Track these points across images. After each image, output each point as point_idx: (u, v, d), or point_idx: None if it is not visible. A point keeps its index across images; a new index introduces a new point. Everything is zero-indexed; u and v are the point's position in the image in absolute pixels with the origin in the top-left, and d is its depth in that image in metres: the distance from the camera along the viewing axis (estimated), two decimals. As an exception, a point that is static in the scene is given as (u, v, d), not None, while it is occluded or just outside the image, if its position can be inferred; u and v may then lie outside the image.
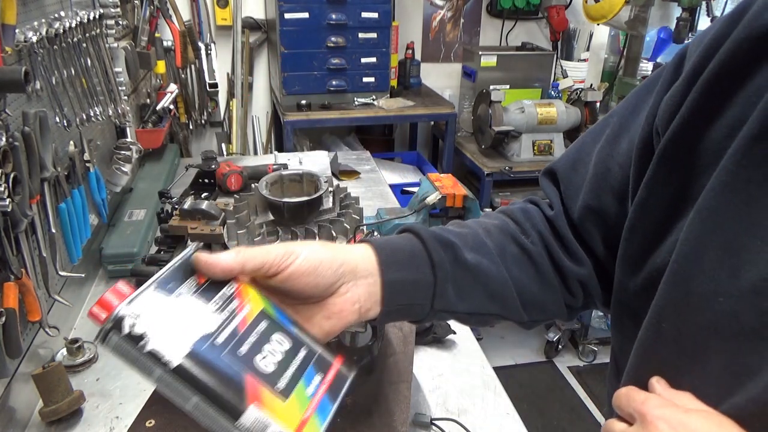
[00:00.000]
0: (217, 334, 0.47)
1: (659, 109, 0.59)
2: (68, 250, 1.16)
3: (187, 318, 0.47)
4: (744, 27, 0.52)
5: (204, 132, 3.18)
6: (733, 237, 0.48)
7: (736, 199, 0.48)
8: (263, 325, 0.50)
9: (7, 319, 0.89)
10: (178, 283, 0.49)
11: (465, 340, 1.25)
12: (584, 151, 0.70)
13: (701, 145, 0.54)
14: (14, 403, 0.97)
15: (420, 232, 0.63)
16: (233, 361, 0.46)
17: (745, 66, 0.51)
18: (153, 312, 0.46)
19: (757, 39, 0.50)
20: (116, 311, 0.45)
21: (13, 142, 0.89)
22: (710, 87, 0.53)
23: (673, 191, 0.55)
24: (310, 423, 0.47)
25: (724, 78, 0.53)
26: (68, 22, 1.14)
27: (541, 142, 2.71)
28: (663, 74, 0.61)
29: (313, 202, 0.78)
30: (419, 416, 0.98)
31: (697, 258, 0.50)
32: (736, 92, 0.52)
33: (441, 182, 1.47)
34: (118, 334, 0.45)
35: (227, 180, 1.78)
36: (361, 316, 0.58)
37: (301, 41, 2.64)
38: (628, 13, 2.82)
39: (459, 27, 3.34)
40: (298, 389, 0.48)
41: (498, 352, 3.06)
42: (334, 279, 0.56)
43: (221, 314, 0.48)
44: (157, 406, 0.77)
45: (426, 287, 0.61)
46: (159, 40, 2.05)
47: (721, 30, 0.54)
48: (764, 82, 0.50)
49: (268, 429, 0.45)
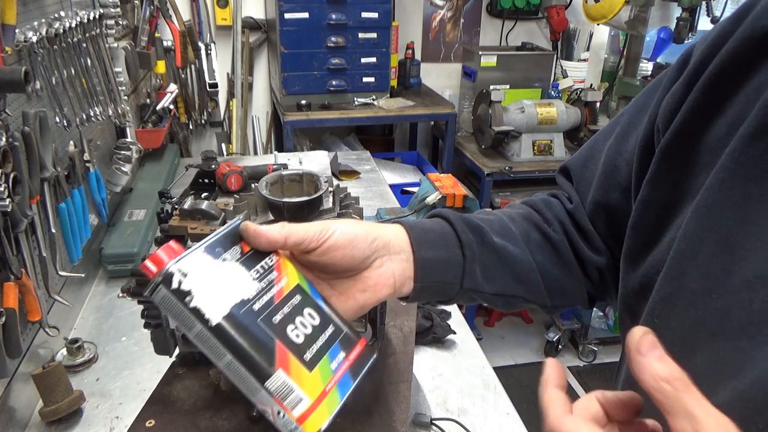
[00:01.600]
0: (255, 301, 0.50)
1: (660, 107, 0.59)
2: (68, 250, 1.16)
3: (229, 282, 0.50)
4: (746, 26, 0.52)
5: (204, 132, 3.18)
6: (728, 234, 0.48)
7: (733, 196, 0.48)
8: (297, 299, 0.53)
9: (7, 319, 0.89)
10: (224, 249, 0.52)
11: (465, 340, 1.25)
12: (596, 148, 0.72)
13: (701, 143, 0.54)
14: (14, 403, 0.97)
15: (448, 216, 0.65)
16: (267, 328, 0.49)
17: (746, 65, 0.52)
18: (199, 272, 0.49)
19: (758, 38, 0.50)
20: (167, 267, 0.48)
21: (13, 142, 0.89)
22: (711, 86, 0.54)
23: (672, 189, 0.56)
24: (330, 396, 0.50)
25: (725, 77, 0.53)
26: (68, 22, 1.14)
27: (541, 142, 2.71)
28: (668, 73, 0.62)
29: (313, 202, 0.78)
30: (419, 416, 0.98)
31: (692, 255, 0.50)
32: (737, 91, 0.52)
33: (441, 182, 1.47)
34: (166, 288, 0.47)
35: (227, 180, 1.78)
36: (395, 291, 0.60)
37: (301, 41, 2.64)
38: (628, 13, 2.82)
39: (459, 27, 3.34)
40: (323, 363, 0.51)
41: (498, 352, 3.06)
42: (369, 252, 0.58)
43: (260, 283, 0.52)
44: (157, 406, 0.77)
45: (456, 266, 0.62)
46: (159, 40, 2.05)
47: (724, 29, 0.54)
48: (764, 81, 0.50)
49: (291, 394, 0.48)
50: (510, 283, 0.66)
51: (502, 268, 0.65)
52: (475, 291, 0.64)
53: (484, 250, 0.64)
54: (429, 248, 0.62)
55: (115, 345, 1.20)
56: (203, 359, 0.84)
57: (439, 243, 0.63)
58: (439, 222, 0.65)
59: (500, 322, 3.33)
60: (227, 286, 0.50)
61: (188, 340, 0.79)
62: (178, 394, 0.78)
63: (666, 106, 0.58)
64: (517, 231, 0.68)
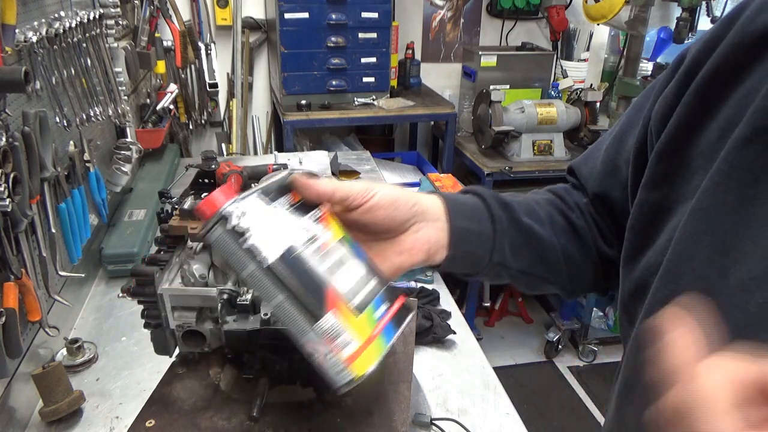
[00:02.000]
0: (305, 247, 0.52)
1: (653, 111, 0.60)
2: (68, 250, 1.16)
3: (282, 226, 0.52)
4: (737, 31, 0.52)
5: (204, 132, 3.18)
6: (724, 237, 0.48)
7: (728, 199, 0.49)
8: (342, 250, 0.55)
9: (7, 319, 0.89)
10: (276, 196, 0.54)
11: (465, 340, 1.25)
12: (599, 149, 0.73)
13: (694, 146, 0.54)
14: (14, 403, 0.97)
15: (481, 192, 0.67)
16: (317, 272, 0.52)
17: (737, 69, 0.52)
18: (255, 214, 0.51)
19: (749, 43, 0.51)
20: (225, 206, 0.49)
21: (13, 142, 0.89)
22: (704, 90, 0.54)
23: (668, 192, 0.56)
24: (377, 341, 0.52)
25: (716, 81, 0.53)
26: (68, 22, 1.14)
27: (541, 142, 2.71)
28: (658, 81, 0.63)
29: (313, 202, 0.78)
30: (419, 416, 0.98)
31: (688, 258, 0.50)
32: (729, 95, 0.53)
33: (441, 182, 1.47)
34: (223, 227, 0.49)
35: (227, 180, 1.78)
36: (429, 258, 0.62)
37: (301, 41, 2.64)
38: (628, 13, 2.82)
39: (459, 27, 3.33)
40: (369, 310, 0.53)
41: (498, 352, 3.06)
42: (409, 215, 0.60)
43: (309, 232, 0.53)
44: (157, 406, 0.77)
45: (486, 239, 0.64)
46: (159, 40, 2.05)
47: (716, 33, 0.55)
48: (755, 85, 0.50)
49: (341, 336, 0.50)
50: (535, 262, 0.67)
51: (529, 247, 0.67)
52: (502, 266, 0.66)
53: (512, 227, 0.66)
54: (463, 219, 0.63)
55: (115, 345, 1.20)
56: (203, 359, 0.84)
57: (472, 216, 0.65)
58: (472, 197, 0.67)
59: (500, 322, 3.33)
60: (280, 229, 0.52)
61: (188, 340, 0.79)
62: (178, 394, 0.78)
63: (658, 110, 0.59)
64: (542, 213, 0.69)
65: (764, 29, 0.51)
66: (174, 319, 0.77)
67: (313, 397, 0.80)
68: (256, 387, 0.77)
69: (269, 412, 0.76)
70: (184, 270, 0.76)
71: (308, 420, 0.75)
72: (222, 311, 0.74)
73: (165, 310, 0.76)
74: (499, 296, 3.31)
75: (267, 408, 0.75)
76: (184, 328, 0.77)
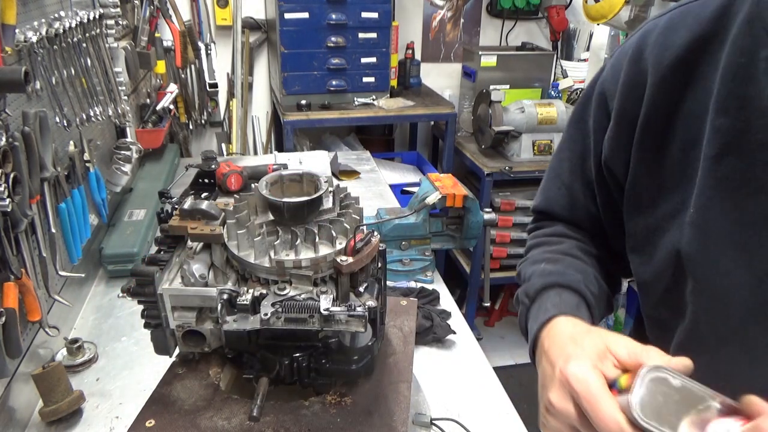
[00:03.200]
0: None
1: (603, 149, 0.74)
2: (68, 250, 1.16)
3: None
4: (656, 68, 0.65)
5: (204, 132, 3.18)
6: (734, 236, 0.59)
7: (726, 206, 0.60)
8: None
9: (7, 319, 0.89)
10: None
11: (465, 340, 1.25)
12: (552, 186, 0.89)
13: (663, 170, 0.66)
14: (14, 403, 0.97)
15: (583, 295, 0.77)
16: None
17: (673, 98, 0.64)
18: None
19: (672, 75, 0.63)
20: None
21: (13, 142, 0.89)
22: (649, 127, 0.66)
23: (653, 214, 0.69)
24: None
25: (659, 117, 0.65)
26: (68, 22, 1.14)
27: (541, 142, 2.71)
28: (591, 115, 0.77)
29: (313, 202, 0.78)
30: (419, 416, 0.98)
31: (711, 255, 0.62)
32: (674, 121, 0.64)
33: (441, 182, 1.47)
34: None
35: (227, 180, 1.78)
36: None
37: (301, 41, 2.64)
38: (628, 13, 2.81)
39: (459, 27, 3.34)
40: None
41: (498, 352, 3.06)
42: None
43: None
44: (157, 406, 0.77)
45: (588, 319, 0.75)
46: (159, 40, 2.05)
47: (631, 73, 0.68)
48: (693, 105, 0.62)
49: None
50: (603, 312, 0.82)
51: (600, 304, 0.80)
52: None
53: (599, 306, 0.79)
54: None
55: (115, 345, 1.20)
56: (203, 359, 0.84)
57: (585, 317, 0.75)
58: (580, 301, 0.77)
59: (500, 322, 3.33)
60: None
61: (188, 340, 0.79)
62: (178, 394, 0.78)
63: (611, 153, 0.73)
64: (593, 277, 0.79)
65: (679, 53, 0.63)
66: (174, 319, 0.77)
67: (313, 397, 0.80)
68: (256, 387, 0.77)
69: (269, 412, 0.76)
70: (184, 270, 0.76)
71: (308, 420, 0.75)
72: (222, 311, 0.74)
73: (165, 310, 0.76)
74: (499, 296, 3.31)
75: (267, 408, 0.75)
76: (184, 328, 0.77)
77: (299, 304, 0.73)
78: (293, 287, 0.75)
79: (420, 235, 1.45)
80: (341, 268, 0.72)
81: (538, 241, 0.88)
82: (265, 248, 0.76)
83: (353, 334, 0.79)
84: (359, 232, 0.75)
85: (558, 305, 0.73)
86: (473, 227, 1.44)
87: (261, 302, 0.73)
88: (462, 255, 3.01)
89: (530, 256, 0.86)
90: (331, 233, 0.76)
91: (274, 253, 0.74)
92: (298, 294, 0.74)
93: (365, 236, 0.76)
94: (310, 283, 0.75)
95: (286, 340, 0.79)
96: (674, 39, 0.64)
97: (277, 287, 0.75)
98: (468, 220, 1.44)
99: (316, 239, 0.75)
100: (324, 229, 0.77)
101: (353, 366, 0.80)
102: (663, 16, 0.68)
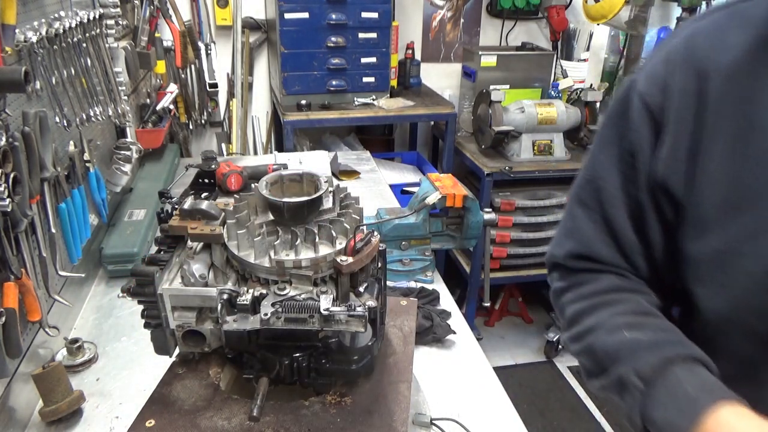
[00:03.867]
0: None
1: (659, 165, 0.66)
2: (68, 250, 1.16)
3: None
4: (716, 72, 0.60)
5: (204, 132, 3.18)
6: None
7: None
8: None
9: (7, 319, 0.89)
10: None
11: (465, 340, 1.25)
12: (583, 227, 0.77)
13: (737, 184, 0.61)
14: (14, 403, 0.97)
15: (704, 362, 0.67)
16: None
17: (743, 103, 0.60)
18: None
19: (736, 78, 0.60)
20: None
21: (13, 142, 0.89)
22: (716, 135, 0.61)
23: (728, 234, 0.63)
24: None
25: (728, 124, 0.61)
26: (68, 22, 1.14)
27: (541, 142, 2.71)
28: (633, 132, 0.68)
29: (313, 202, 0.78)
30: (419, 416, 0.98)
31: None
32: (749, 130, 0.60)
33: (441, 182, 1.47)
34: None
35: (227, 180, 1.78)
36: None
37: (301, 41, 2.64)
38: (628, 13, 2.82)
39: (459, 27, 3.33)
40: None
41: (498, 352, 3.06)
42: None
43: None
44: (157, 406, 0.77)
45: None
46: (159, 40, 2.05)
47: (686, 79, 0.63)
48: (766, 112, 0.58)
49: None
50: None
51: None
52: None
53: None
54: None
55: (115, 345, 1.20)
56: (203, 359, 0.84)
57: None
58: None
59: (500, 322, 3.33)
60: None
61: (188, 340, 0.79)
62: (178, 394, 0.78)
63: (672, 161, 0.65)
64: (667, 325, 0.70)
65: (737, 55, 0.59)
66: (174, 319, 0.77)
67: (313, 397, 0.80)
68: (256, 387, 0.77)
69: (269, 412, 0.76)
70: (184, 270, 0.76)
71: (308, 420, 0.75)
72: (222, 311, 0.74)
73: (165, 310, 0.76)
74: (499, 296, 3.31)
75: (267, 408, 0.75)
76: (184, 328, 0.77)
77: (299, 304, 0.73)
78: (293, 287, 0.75)
79: (420, 235, 1.45)
80: (341, 268, 0.72)
81: (594, 302, 0.73)
82: (265, 248, 0.76)
83: (353, 334, 0.79)
84: (359, 232, 0.75)
85: (704, 388, 0.60)
86: (473, 227, 1.45)
87: (261, 302, 0.73)
88: (462, 255, 3.01)
89: (597, 324, 0.70)
90: (331, 233, 0.76)
91: (274, 253, 0.74)
92: (298, 294, 0.74)
93: (365, 236, 0.76)
94: (310, 283, 0.75)
95: (286, 340, 0.79)
96: (728, 41, 0.60)
97: (277, 287, 0.75)
98: (468, 220, 1.44)
99: (316, 239, 0.75)
100: (324, 229, 0.77)
101: (353, 366, 0.80)
102: (703, 20, 0.64)
